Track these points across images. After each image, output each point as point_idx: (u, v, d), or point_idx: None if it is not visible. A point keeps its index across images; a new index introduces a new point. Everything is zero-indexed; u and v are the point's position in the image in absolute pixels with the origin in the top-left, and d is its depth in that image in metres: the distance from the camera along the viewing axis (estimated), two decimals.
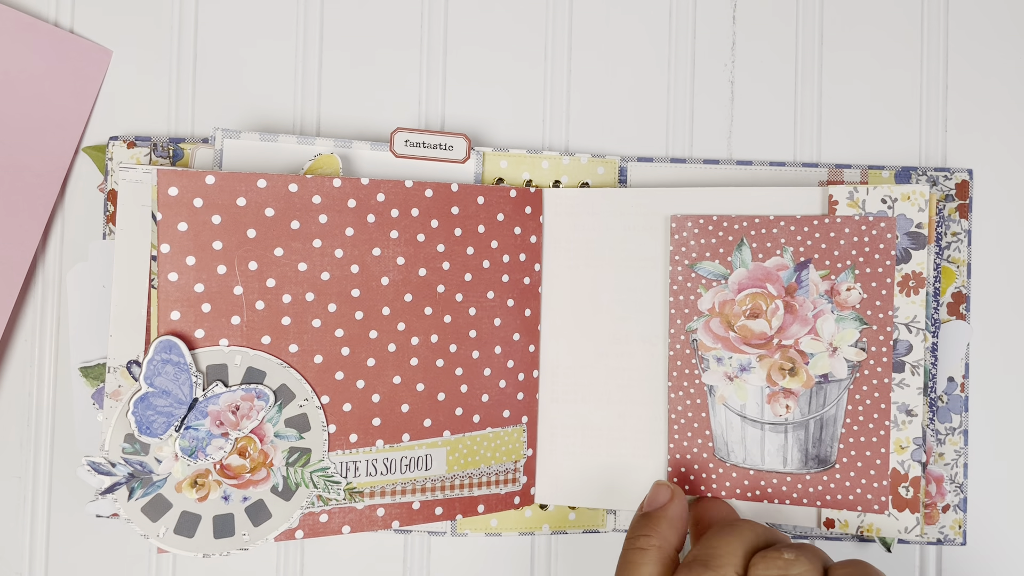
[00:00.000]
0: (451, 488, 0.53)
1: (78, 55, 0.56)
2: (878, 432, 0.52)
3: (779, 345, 0.53)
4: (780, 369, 0.53)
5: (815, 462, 0.53)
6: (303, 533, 0.50)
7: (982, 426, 0.57)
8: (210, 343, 0.48)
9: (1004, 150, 0.58)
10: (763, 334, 0.53)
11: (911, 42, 0.58)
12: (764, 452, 0.53)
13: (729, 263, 0.54)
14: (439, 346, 0.53)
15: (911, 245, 0.52)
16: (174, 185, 0.47)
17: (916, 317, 0.52)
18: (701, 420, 0.54)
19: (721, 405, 0.54)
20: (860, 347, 0.52)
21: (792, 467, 0.53)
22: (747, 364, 0.53)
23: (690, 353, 0.54)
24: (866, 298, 0.52)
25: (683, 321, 0.54)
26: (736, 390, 0.53)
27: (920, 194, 0.52)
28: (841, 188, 0.53)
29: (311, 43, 0.58)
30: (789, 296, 0.53)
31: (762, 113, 0.58)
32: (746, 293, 0.53)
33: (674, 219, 0.54)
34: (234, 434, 0.48)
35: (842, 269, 0.52)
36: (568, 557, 0.57)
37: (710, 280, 0.54)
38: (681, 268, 0.54)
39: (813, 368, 0.53)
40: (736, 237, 0.54)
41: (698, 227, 0.54)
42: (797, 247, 0.53)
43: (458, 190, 0.53)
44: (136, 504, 0.47)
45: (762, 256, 0.53)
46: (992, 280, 0.57)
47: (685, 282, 0.54)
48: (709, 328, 0.54)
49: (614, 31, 0.58)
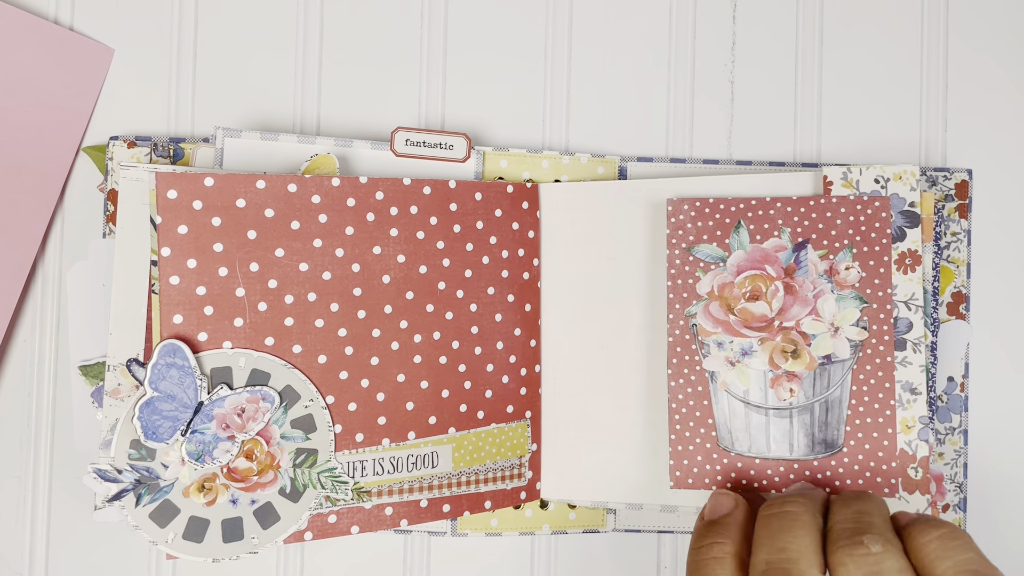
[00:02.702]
0: (458, 485, 0.53)
1: (80, 53, 0.55)
2: (884, 412, 0.52)
3: (780, 327, 0.52)
4: (782, 352, 0.52)
5: (822, 446, 0.52)
6: (312, 534, 0.50)
7: (982, 426, 0.57)
8: (214, 346, 0.48)
9: (1004, 150, 0.58)
10: (764, 316, 0.53)
11: (911, 42, 0.59)
12: (769, 439, 0.53)
13: (727, 245, 0.53)
14: (442, 343, 0.53)
15: (905, 224, 0.52)
16: (173, 188, 0.47)
17: (914, 295, 0.52)
18: (703, 408, 0.53)
19: (723, 392, 0.53)
20: (861, 326, 0.52)
21: (799, 453, 0.52)
22: (748, 348, 0.53)
23: (689, 339, 0.53)
24: (865, 277, 0.52)
25: (682, 306, 0.53)
26: (738, 375, 0.53)
27: (911, 174, 0.52)
28: (835, 168, 0.53)
29: (311, 42, 0.57)
30: (788, 277, 0.53)
31: (762, 113, 0.58)
32: (745, 275, 0.53)
33: (670, 202, 0.54)
34: (240, 437, 0.48)
35: (840, 248, 0.52)
36: (568, 557, 0.57)
37: (708, 263, 0.53)
38: (679, 252, 0.54)
39: (815, 349, 0.52)
40: (733, 219, 0.53)
41: (695, 210, 0.53)
42: (795, 228, 0.53)
43: (456, 187, 0.53)
44: (144, 510, 0.47)
45: (760, 238, 0.53)
46: (992, 280, 0.57)
47: (683, 266, 0.53)
48: (709, 312, 0.53)
49: (614, 31, 0.58)
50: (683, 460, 0.53)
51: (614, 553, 0.57)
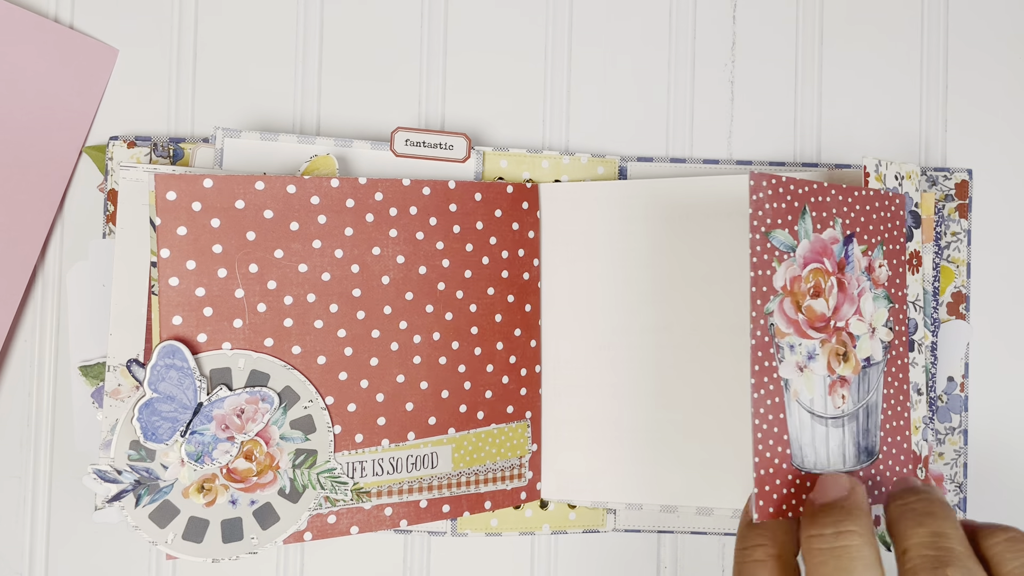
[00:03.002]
0: (457, 485, 0.53)
1: (84, 54, 0.55)
2: (902, 416, 0.49)
3: (835, 328, 0.47)
4: (837, 355, 0.47)
5: (865, 455, 0.48)
6: (311, 535, 0.50)
7: (982, 426, 0.57)
8: (213, 347, 0.48)
9: (1004, 150, 0.58)
10: (823, 316, 0.47)
11: (911, 42, 0.59)
12: (829, 451, 0.47)
13: (796, 232, 0.46)
14: (441, 344, 0.53)
15: (912, 224, 0.52)
16: (172, 189, 0.47)
17: (918, 295, 0.52)
18: (779, 423, 0.45)
19: (795, 402, 0.46)
20: (888, 327, 0.49)
21: (850, 464, 0.48)
22: (812, 351, 0.47)
23: (768, 341, 0.45)
24: (890, 275, 0.49)
25: (763, 302, 0.45)
26: (806, 382, 0.46)
27: (916, 173, 0.52)
28: (871, 159, 0.49)
29: (312, 42, 0.57)
30: (840, 273, 0.47)
31: (762, 113, 0.58)
32: (809, 269, 0.47)
33: (752, 176, 0.45)
34: (240, 438, 0.48)
35: (875, 244, 0.49)
36: (568, 557, 0.57)
37: (783, 252, 0.46)
38: (758, 236, 0.45)
39: (860, 351, 0.48)
40: (800, 202, 0.46)
41: (771, 188, 0.46)
42: (844, 219, 0.47)
43: (455, 187, 0.53)
44: (143, 511, 0.47)
45: (820, 227, 0.47)
46: (992, 280, 0.57)
47: (763, 254, 0.45)
48: (783, 310, 0.46)
49: (614, 31, 0.58)
50: (765, 486, 0.45)
51: (614, 553, 0.57)
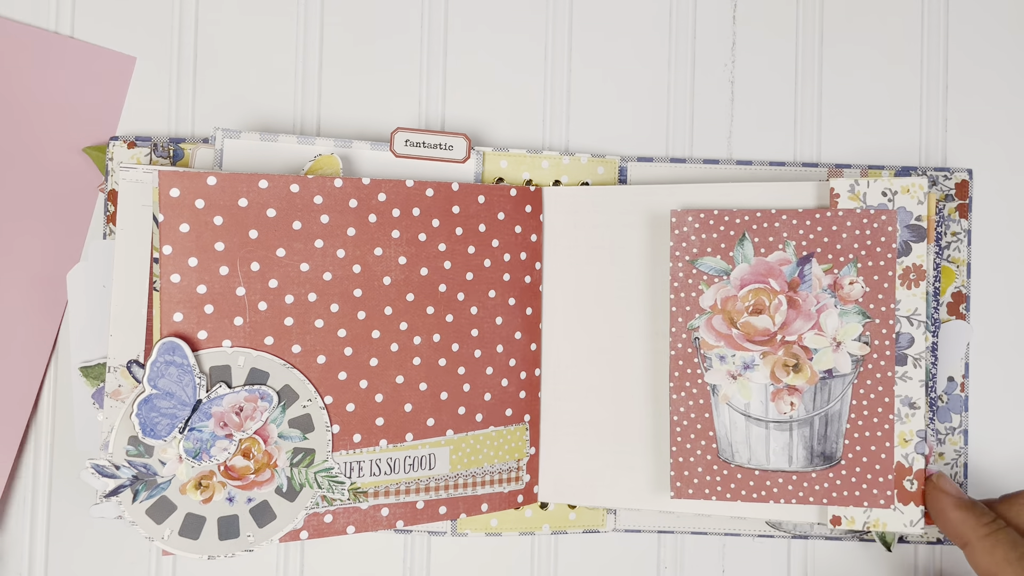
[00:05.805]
0: (455, 487, 0.53)
1: (104, 64, 0.56)
2: (882, 426, 0.52)
3: (783, 341, 0.52)
4: (784, 366, 0.52)
5: (821, 459, 0.53)
6: (308, 534, 0.50)
7: (982, 426, 0.57)
8: (213, 344, 0.48)
9: (1004, 150, 0.58)
10: (766, 330, 0.53)
11: (911, 42, 0.59)
12: (769, 451, 0.53)
13: (731, 258, 0.53)
14: (441, 345, 0.53)
15: (911, 238, 0.52)
16: (176, 186, 0.47)
17: (917, 310, 0.52)
18: (704, 421, 0.53)
19: (724, 404, 0.53)
20: (863, 341, 0.52)
21: (797, 465, 0.53)
22: (750, 362, 0.53)
23: (692, 352, 0.53)
24: (868, 291, 0.52)
25: (684, 319, 0.53)
26: (740, 389, 0.53)
27: (919, 187, 0.52)
28: (842, 181, 0.53)
29: (311, 43, 0.57)
30: (792, 291, 0.52)
31: (762, 113, 0.58)
32: (748, 289, 0.53)
33: (674, 214, 0.53)
34: (238, 435, 0.48)
35: (845, 263, 0.52)
36: (568, 557, 0.57)
37: (712, 276, 0.53)
38: (682, 264, 0.53)
39: (817, 364, 0.52)
40: (738, 231, 0.53)
41: (699, 221, 0.53)
42: (799, 241, 0.52)
43: (459, 189, 0.53)
44: (140, 507, 0.47)
45: (764, 251, 0.53)
46: (992, 280, 0.57)
47: (686, 279, 0.53)
48: (711, 326, 0.53)
49: (614, 31, 0.58)
50: (683, 471, 0.53)
51: (614, 553, 0.57)
